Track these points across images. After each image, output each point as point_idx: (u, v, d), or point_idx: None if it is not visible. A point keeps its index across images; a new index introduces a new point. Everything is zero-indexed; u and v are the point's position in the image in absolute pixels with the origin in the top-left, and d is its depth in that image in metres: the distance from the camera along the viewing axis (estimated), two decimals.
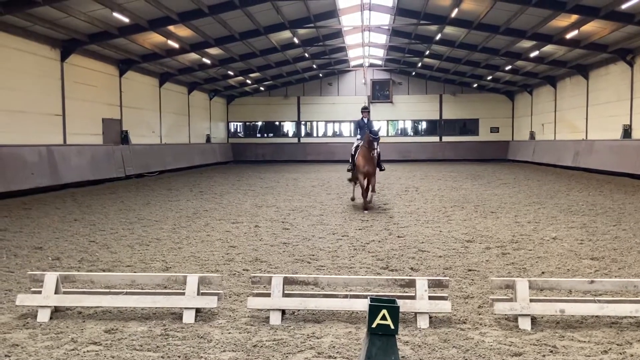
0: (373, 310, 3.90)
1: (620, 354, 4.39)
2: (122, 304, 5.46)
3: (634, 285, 5.33)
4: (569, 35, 22.79)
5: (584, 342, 4.67)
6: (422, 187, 20.02)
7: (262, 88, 42.64)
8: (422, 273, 7.20)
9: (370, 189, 13.36)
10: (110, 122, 25.37)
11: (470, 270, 7.37)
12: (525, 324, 5.05)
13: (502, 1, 20.15)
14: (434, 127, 44.27)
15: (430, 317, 5.25)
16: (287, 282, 5.46)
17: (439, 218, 12.19)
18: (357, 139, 14.27)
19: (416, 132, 44.94)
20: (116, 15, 18.88)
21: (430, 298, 5.30)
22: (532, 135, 37.87)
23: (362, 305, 5.19)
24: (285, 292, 5.47)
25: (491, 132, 43.33)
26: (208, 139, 39.31)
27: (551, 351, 4.49)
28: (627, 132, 24.40)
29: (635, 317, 5.11)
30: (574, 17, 20.92)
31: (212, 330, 5.08)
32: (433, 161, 41.02)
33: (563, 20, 21.78)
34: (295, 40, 28.70)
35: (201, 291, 5.51)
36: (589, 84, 28.89)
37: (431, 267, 7.55)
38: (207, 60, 28.85)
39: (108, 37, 21.63)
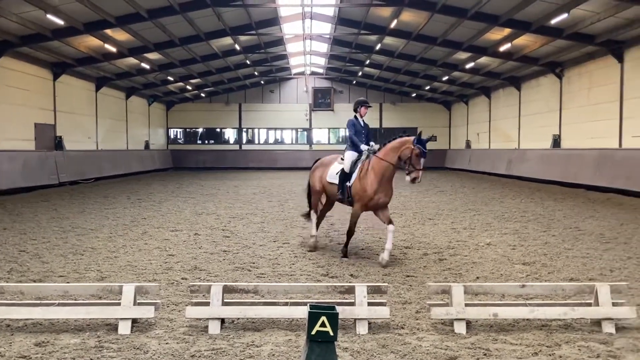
0: (312, 318, 3.91)
1: (550, 355, 4.57)
2: (54, 315, 5.24)
3: (562, 289, 5.57)
4: (502, 48, 23.69)
5: (516, 344, 4.84)
6: None
7: (202, 94, 42.11)
8: (362, 280, 7.28)
9: (388, 222, 8.33)
10: (43, 127, 24.38)
11: (408, 276, 7.50)
12: (460, 328, 5.19)
13: (439, 13, 20.73)
14: (375, 135, 44.95)
15: (369, 323, 5.31)
16: (226, 290, 5.40)
17: (378, 225, 12.36)
18: (348, 148, 9.00)
19: None
20: (50, 17, 18.20)
21: (369, 304, 5.36)
22: (468, 144, 39.06)
23: (302, 312, 5.19)
24: (225, 300, 5.40)
25: (430, 140, 44.31)
26: (147, 145, 38.41)
27: (485, 354, 4.63)
28: (556, 141, 25.56)
29: (563, 319, 5.33)
30: (507, 31, 21.77)
31: (149, 341, 4.95)
32: None
33: (497, 34, 22.63)
34: (237, 46, 28.54)
35: (138, 301, 5.37)
36: (521, 95, 30.10)
37: (371, 274, 7.64)
38: (146, 65, 28.24)
39: (41, 40, 20.82)
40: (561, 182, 23.34)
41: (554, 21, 18.93)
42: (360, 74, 39.40)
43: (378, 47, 28.79)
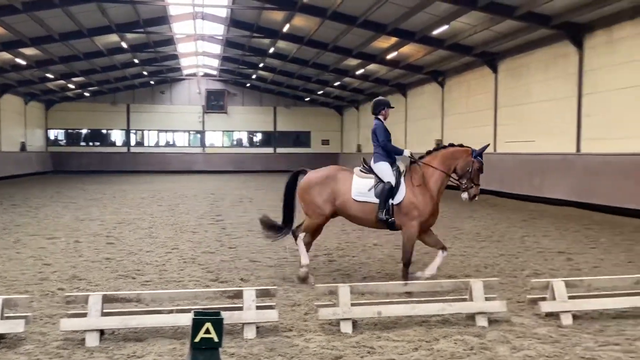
0: (196, 324, 3.81)
1: (429, 349, 4.78)
2: None
3: (440, 285, 5.86)
4: (389, 56, 24.64)
5: (398, 341, 5.02)
6: (257, 197, 20.18)
7: (86, 93, 39.92)
8: (252, 283, 7.23)
9: (441, 247, 7.35)
10: None
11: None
12: (346, 327, 5.29)
13: (330, 20, 21.16)
14: (269, 138, 45.00)
15: (257, 327, 5.27)
16: (106, 300, 5.13)
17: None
18: (379, 158, 7.53)
19: (251, 143, 45.30)
20: None
21: (258, 308, 5.32)
22: (359, 148, 40.20)
23: (188, 319, 5.04)
24: (105, 310, 5.13)
25: (322, 144, 45.21)
26: (23, 147, 35.71)
27: (369, 352, 4.75)
28: (439, 146, 26.91)
29: (442, 314, 5.60)
30: (394, 40, 22.66)
31: (18, 357, 4.59)
32: (268, 172, 41.58)
33: (384, 42, 23.49)
34: (124, 44, 27.36)
35: (5, 315, 4.96)
36: (407, 101, 31.45)
37: (261, 277, 7.61)
38: (21, 61, 26.27)
39: None
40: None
41: (435, 32, 19.99)
42: (254, 77, 39.31)
43: (271, 50, 28.86)
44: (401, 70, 27.06)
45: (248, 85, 42.89)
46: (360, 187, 7.28)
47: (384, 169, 7.34)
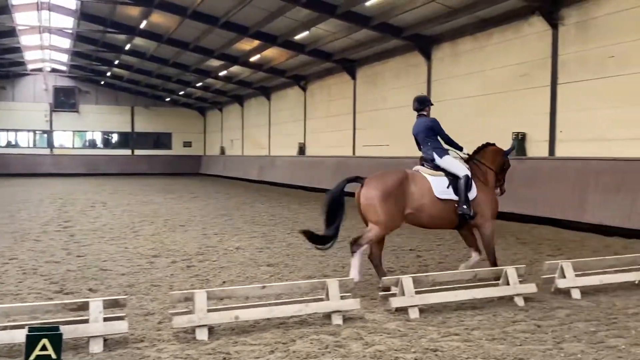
0: (31, 341, 3.50)
1: (285, 351, 4.80)
2: None
3: (298, 287, 5.93)
4: (252, 59, 24.66)
5: (255, 344, 4.98)
6: (111, 202, 19.12)
7: None
8: (102, 293, 6.79)
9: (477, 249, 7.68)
10: None
11: (154, 285, 7.24)
12: (202, 334, 5.15)
13: (190, 19, 20.68)
14: (126, 139, 42.90)
15: (105, 340, 4.95)
16: None
17: (125, 234, 11.76)
18: (442, 152, 7.53)
19: (106, 145, 42.90)
20: None
21: (106, 319, 5.00)
22: (222, 150, 39.73)
23: (24, 336, 4.61)
24: None
25: (184, 146, 44.03)
26: None
27: (224, 358, 4.66)
28: (301, 149, 27.48)
29: (299, 315, 5.66)
30: (257, 42, 22.71)
31: None
32: (125, 175, 39.59)
33: (247, 44, 23.46)
34: None
35: None
36: (270, 104, 31.68)
37: (112, 287, 7.18)
38: None
39: None
40: (306, 186, 25.14)
41: (297, 37, 20.35)
42: (109, 74, 37.23)
43: (128, 47, 27.57)
44: (264, 73, 27.19)
45: (102, 83, 40.53)
46: (440, 185, 7.12)
47: (454, 163, 7.29)
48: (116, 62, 32.51)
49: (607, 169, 11.57)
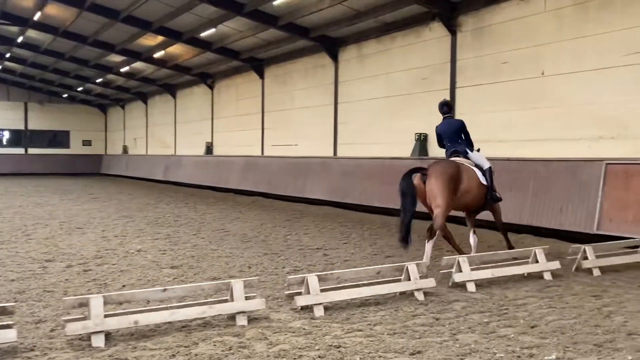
0: None
1: (187, 355, 4.69)
2: None
3: (201, 288, 5.80)
4: (156, 55, 23.90)
5: (155, 349, 4.83)
6: (1, 203, 17.88)
7: None
8: None
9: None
10: None
11: (46, 291, 6.84)
12: (98, 341, 4.92)
13: (89, 12, 19.71)
14: (19, 137, 40.19)
15: None
16: None
17: (17, 238, 11.04)
18: (470, 148, 9.15)
19: None
20: None
21: None
22: (125, 150, 38.21)
23: None
24: None
25: (84, 145, 41.90)
26: None
27: None
28: (209, 148, 26.99)
29: (202, 317, 5.54)
30: (161, 38, 22.02)
31: None
32: (17, 175, 37.05)
33: (150, 40, 22.70)
34: None
35: None
36: (176, 103, 30.87)
37: (0, 294, 6.70)
38: None
39: None
40: (214, 186, 24.75)
41: (203, 34, 19.97)
42: (0, 67, 34.72)
43: (20, 39, 25.85)
44: (169, 70, 26.43)
45: None
46: (480, 173, 8.67)
47: (480, 157, 9.01)
48: (7, 55, 30.37)
49: (501, 169, 12.25)
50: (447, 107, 9.35)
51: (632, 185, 9.91)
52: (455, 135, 9.17)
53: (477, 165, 8.80)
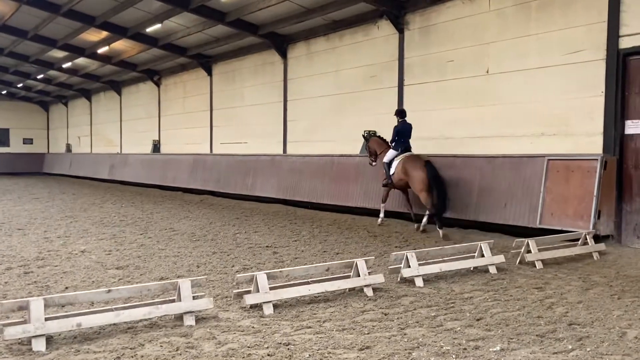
0: None
1: (132, 357, 4.57)
2: None
3: (147, 289, 5.68)
4: (100, 50, 23.21)
5: (99, 352, 4.69)
6: None
7: None
8: None
9: None
10: None
11: None
12: (39, 345, 4.74)
13: (28, 5, 18.94)
14: None
15: None
16: None
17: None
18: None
19: None
20: None
21: None
22: (68, 148, 36.99)
23: None
24: None
25: (24, 143, 40.30)
26: None
27: None
28: (156, 146, 26.45)
29: (149, 318, 5.42)
30: (105, 34, 21.40)
31: None
32: None
33: (94, 35, 22.02)
34: None
35: None
36: (122, 100, 30.10)
37: None
38: None
39: None
40: (161, 185, 24.28)
41: (149, 30, 19.53)
42: None
43: None
44: (114, 66, 25.71)
45: None
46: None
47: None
48: None
49: (448, 165, 12.52)
50: (404, 113, 12.43)
51: (572, 180, 10.29)
52: (408, 135, 12.27)
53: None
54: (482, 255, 7.89)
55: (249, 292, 6.00)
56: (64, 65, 27.24)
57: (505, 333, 5.19)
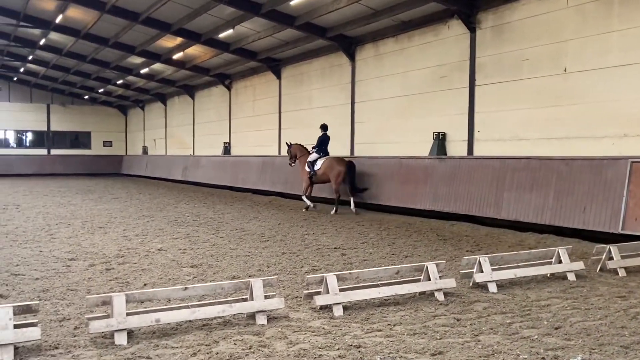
0: None
1: (208, 353, 4.70)
2: None
3: (221, 287, 5.83)
4: (175, 56, 24.08)
5: (177, 347, 4.86)
6: (25, 203, 18.13)
7: None
8: (14, 299, 6.42)
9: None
10: None
11: (70, 290, 6.92)
12: (121, 339, 4.97)
13: (109, 14, 19.92)
14: (42, 139, 40.83)
15: (17, 348, 4.68)
16: None
17: (40, 237, 11.18)
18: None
19: (20, 144, 40.67)
20: None
21: (17, 326, 4.71)
22: (145, 150, 38.58)
23: None
24: None
25: (104, 145, 42.42)
26: None
27: None
28: (227, 148, 27.12)
29: (222, 316, 5.57)
30: (180, 40, 22.20)
31: None
32: (41, 176, 37.65)
33: (170, 41, 22.88)
34: None
35: None
36: (195, 103, 31.09)
37: (25, 292, 6.79)
38: None
39: None
40: (232, 186, 24.85)
41: (221, 35, 20.07)
42: (22, 70, 35.28)
43: (43, 42, 26.23)
44: (188, 71, 26.62)
45: (15, 79, 38.36)
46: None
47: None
48: (30, 57, 30.87)
49: (522, 168, 12.14)
50: (326, 127, 16.64)
51: None
52: (327, 144, 16.66)
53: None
54: (560, 262, 7.59)
55: (318, 293, 6.03)
56: (142, 71, 28.43)
57: (587, 343, 4.96)
